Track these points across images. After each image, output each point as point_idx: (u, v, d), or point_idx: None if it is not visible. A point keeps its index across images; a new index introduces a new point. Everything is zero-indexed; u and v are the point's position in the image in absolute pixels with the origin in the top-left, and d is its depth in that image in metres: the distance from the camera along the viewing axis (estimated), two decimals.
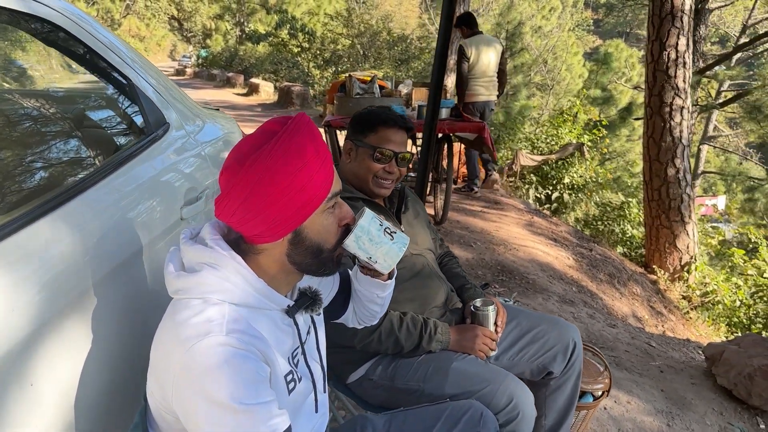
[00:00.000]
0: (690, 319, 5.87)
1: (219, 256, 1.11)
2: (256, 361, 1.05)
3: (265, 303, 1.14)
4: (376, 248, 1.24)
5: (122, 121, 1.85)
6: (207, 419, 1.00)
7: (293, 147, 1.07)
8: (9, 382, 1.04)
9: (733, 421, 2.89)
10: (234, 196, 1.08)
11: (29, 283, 1.13)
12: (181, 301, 1.10)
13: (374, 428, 1.51)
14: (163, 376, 1.06)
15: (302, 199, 1.09)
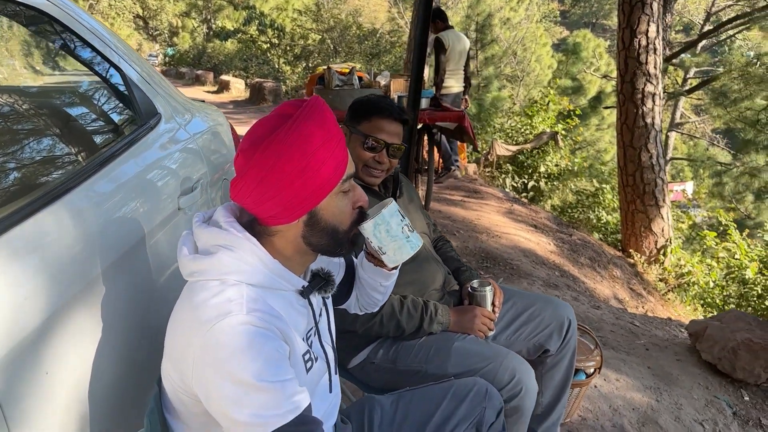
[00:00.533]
0: (668, 300, 5.99)
1: (234, 238, 1.11)
2: (276, 339, 1.06)
3: (280, 283, 1.15)
4: (390, 241, 1.26)
5: (116, 112, 1.83)
6: (230, 398, 1.01)
7: (308, 130, 1.07)
8: (25, 371, 1.03)
9: (718, 395, 2.97)
10: (249, 179, 1.09)
11: (39, 272, 1.12)
12: (198, 283, 1.10)
13: (382, 408, 1.52)
14: (182, 358, 1.06)
15: (317, 181, 1.10)
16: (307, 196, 1.10)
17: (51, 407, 1.09)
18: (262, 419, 1.01)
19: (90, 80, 1.80)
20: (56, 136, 1.52)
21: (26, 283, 1.07)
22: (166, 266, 1.59)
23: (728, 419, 2.82)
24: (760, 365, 2.97)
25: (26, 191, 1.24)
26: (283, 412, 1.02)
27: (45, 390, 1.08)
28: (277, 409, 1.02)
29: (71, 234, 1.24)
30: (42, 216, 1.19)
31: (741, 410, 2.91)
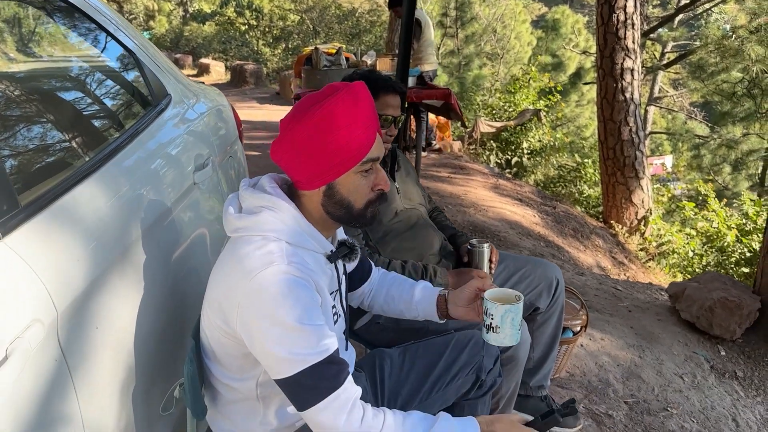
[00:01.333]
0: (649, 268, 6.21)
1: (276, 200, 1.26)
2: (311, 289, 1.22)
3: (313, 245, 1.29)
4: (508, 327, 1.38)
5: (131, 93, 1.93)
6: (271, 338, 1.16)
7: (340, 110, 1.21)
8: (80, 325, 1.16)
9: (697, 350, 3.16)
10: (285, 142, 1.25)
11: (85, 238, 1.24)
12: (242, 238, 1.24)
13: (391, 359, 1.66)
14: (227, 304, 1.20)
15: (338, 158, 1.24)
16: (326, 169, 1.25)
17: (101, 358, 1.22)
18: (300, 356, 1.16)
19: (108, 64, 1.90)
20: (75, 118, 1.62)
21: (75, 248, 1.19)
22: (186, 236, 1.72)
23: (706, 372, 3.02)
24: (735, 321, 3.17)
25: (65, 166, 1.35)
26: (316, 351, 1.17)
27: (96, 342, 1.21)
28: (311, 348, 1.17)
29: (108, 204, 1.36)
30: (82, 188, 1.30)
31: (718, 364, 3.10)
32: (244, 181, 1.34)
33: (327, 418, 1.19)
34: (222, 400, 1.35)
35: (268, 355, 1.18)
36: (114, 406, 1.25)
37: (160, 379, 1.47)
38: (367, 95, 1.28)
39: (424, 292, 1.59)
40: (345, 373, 1.22)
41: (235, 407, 1.35)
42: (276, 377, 1.20)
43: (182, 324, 1.59)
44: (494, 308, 1.36)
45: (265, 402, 1.32)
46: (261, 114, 10.97)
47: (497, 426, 1.32)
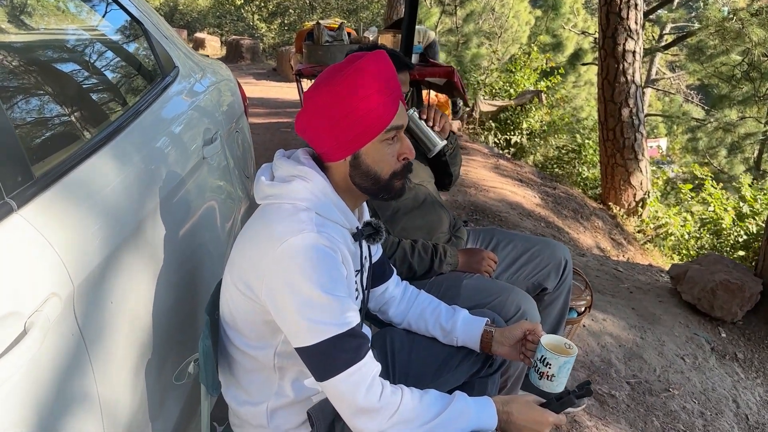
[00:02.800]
0: (647, 250, 6.23)
1: (309, 171, 1.26)
2: (337, 261, 1.21)
3: (341, 218, 1.29)
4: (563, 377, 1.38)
5: (139, 64, 1.89)
6: (296, 305, 1.15)
7: (362, 79, 1.20)
8: (96, 300, 1.14)
9: (698, 332, 3.18)
10: (308, 112, 1.24)
11: (99, 211, 1.21)
12: (272, 205, 1.24)
13: (401, 337, 1.65)
14: (254, 269, 1.20)
15: (361, 126, 1.23)
16: (351, 139, 1.24)
17: (116, 332, 1.21)
18: (322, 325, 1.15)
19: (117, 34, 1.85)
20: (85, 90, 1.59)
21: (90, 221, 1.17)
22: (197, 210, 1.70)
23: (707, 354, 3.03)
24: (737, 304, 3.18)
25: (77, 138, 1.32)
26: (339, 323, 1.16)
27: (112, 317, 1.19)
28: (335, 319, 1.16)
29: (121, 177, 1.33)
30: (94, 161, 1.28)
31: (718, 346, 3.12)
32: (280, 152, 1.34)
33: (346, 390, 1.18)
34: (238, 369, 1.34)
35: (291, 322, 1.17)
36: (128, 381, 1.24)
37: (173, 353, 1.46)
38: (388, 63, 1.26)
39: (467, 325, 1.57)
40: (366, 347, 1.21)
41: (251, 377, 1.34)
42: (297, 345, 1.19)
43: (194, 299, 1.58)
44: (554, 359, 1.36)
45: (282, 372, 1.32)
46: (258, 90, 10.86)
47: (513, 407, 1.32)
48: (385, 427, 1.20)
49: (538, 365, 1.39)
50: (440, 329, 1.58)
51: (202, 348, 1.29)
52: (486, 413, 1.29)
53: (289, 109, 8.97)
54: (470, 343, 1.56)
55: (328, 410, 1.31)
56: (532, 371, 1.42)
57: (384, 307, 1.65)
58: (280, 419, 1.35)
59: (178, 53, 2.05)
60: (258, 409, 1.34)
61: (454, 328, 1.56)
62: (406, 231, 2.03)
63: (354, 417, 1.20)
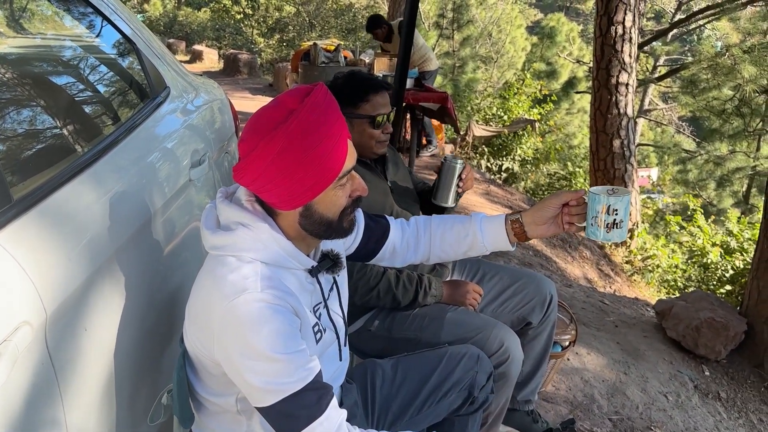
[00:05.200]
0: (634, 282, 6.24)
1: (252, 217, 1.19)
2: (288, 314, 1.15)
3: (291, 263, 1.22)
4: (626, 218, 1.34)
5: (128, 84, 1.88)
6: (247, 367, 1.11)
7: (308, 127, 1.11)
8: (69, 326, 1.12)
9: (682, 369, 3.17)
10: (252, 167, 1.14)
11: (76, 236, 1.19)
12: (218, 257, 1.18)
13: (383, 371, 1.63)
14: (204, 326, 1.16)
15: (314, 178, 1.15)
16: (304, 191, 1.16)
17: (88, 361, 1.18)
18: (276, 386, 1.12)
19: (105, 53, 1.85)
20: (70, 109, 1.58)
21: (67, 247, 1.15)
22: (179, 235, 1.68)
23: (690, 392, 3.02)
24: (721, 342, 3.18)
25: (59, 159, 1.30)
26: (294, 380, 1.12)
27: (83, 345, 1.17)
28: (289, 377, 1.12)
29: (101, 201, 1.32)
30: (76, 184, 1.26)
31: (702, 384, 3.11)
32: (221, 191, 1.27)
33: None
34: (206, 412, 1.31)
35: (245, 384, 1.14)
36: (99, 411, 1.21)
37: (147, 384, 1.43)
38: (331, 102, 1.17)
39: (487, 228, 1.51)
40: (327, 398, 1.17)
41: (219, 418, 1.31)
42: (255, 405, 1.16)
43: (171, 327, 1.55)
44: (620, 201, 1.30)
45: (247, 415, 1.29)
46: (253, 105, 10.86)
47: None
48: None
49: (603, 218, 1.32)
50: (466, 245, 1.54)
51: (176, 378, 1.27)
52: None
53: None
54: (500, 243, 1.51)
55: None
56: (594, 229, 1.35)
57: (403, 258, 1.61)
58: None
59: (169, 72, 2.04)
60: None
61: (476, 237, 1.51)
62: None
63: None
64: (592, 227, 1.35)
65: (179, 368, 1.27)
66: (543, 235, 1.49)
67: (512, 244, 1.52)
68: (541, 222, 1.47)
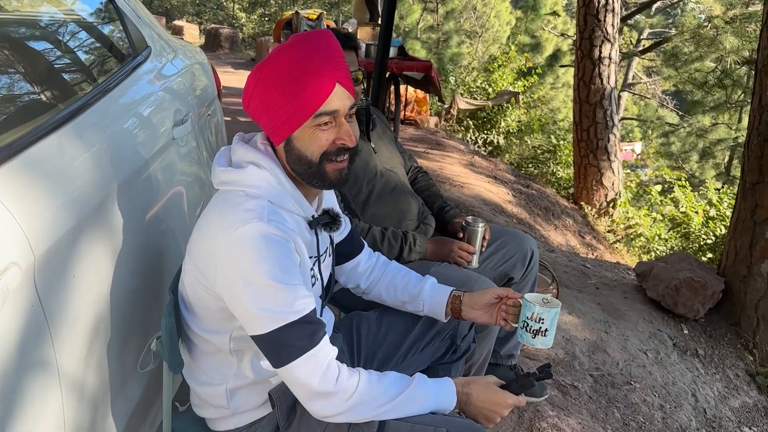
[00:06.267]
0: (616, 250, 6.33)
1: (263, 157, 1.25)
2: (290, 249, 1.20)
3: (294, 206, 1.28)
4: (552, 330, 1.39)
5: (110, 42, 1.87)
6: (247, 294, 1.16)
7: (293, 60, 1.19)
8: (58, 272, 1.13)
9: (661, 328, 3.25)
10: (248, 93, 1.24)
11: (60, 186, 1.20)
12: (226, 192, 1.24)
13: (368, 322, 1.67)
14: (207, 258, 1.19)
15: (290, 110, 1.20)
16: (282, 123, 1.22)
17: (78, 307, 1.20)
18: (275, 314, 1.16)
19: (88, 11, 1.84)
20: (51, 66, 1.57)
21: (51, 195, 1.16)
22: (164, 191, 1.69)
23: (669, 349, 3.10)
24: (699, 301, 3.26)
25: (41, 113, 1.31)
26: (292, 310, 1.17)
27: (74, 291, 1.18)
28: (287, 307, 1.16)
29: (84, 155, 1.32)
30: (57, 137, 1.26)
31: (680, 342, 3.19)
32: (238, 135, 1.33)
33: (302, 375, 1.19)
34: (197, 352, 1.35)
35: (244, 311, 1.18)
36: (89, 355, 1.24)
37: (136, 332, 1.45)
38: (328, 43, 1.22)
39: (434, 290, 1.58)
40: (321, 333, 1.21)
41: (210, 359, 1.34)
42: (252, 333, 1.19)
43: (159, 279, 1.58)
44: (546, 313, 1.36)
45: (239, 356, 1.32)
46: (236, 79, 10.76)
47: (472, 387, 1.34)
48: (341, 409, 1.22)
49: (530, 324, 1.39)
50: (408, 295, 1.59)
51: (164, 325, 1.29)
52: (445, 394, 1.31)
53: None
54: (437, 308, 1.56)
55: (289, 391, 1.32)
56: (522, 333, 1.41)
57: (356, 281, 1.65)
58: (240, 400, 1.35)
59: (150, 33, 2.04)
60: (217, 390, 1.35)
61: (421, 293, 1.57)
62: (376, 217, 2.04)
63: (310, 401, 1.22)
64: (521, 330, 1.42)
65: (167, 315, 1.29)
66: (475, 319, 1.55)
67: (446, 316, 1.57)
68: (477, 306, 1.53)
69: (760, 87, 3.26)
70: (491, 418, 1.34)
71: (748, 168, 3.31)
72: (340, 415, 1.22)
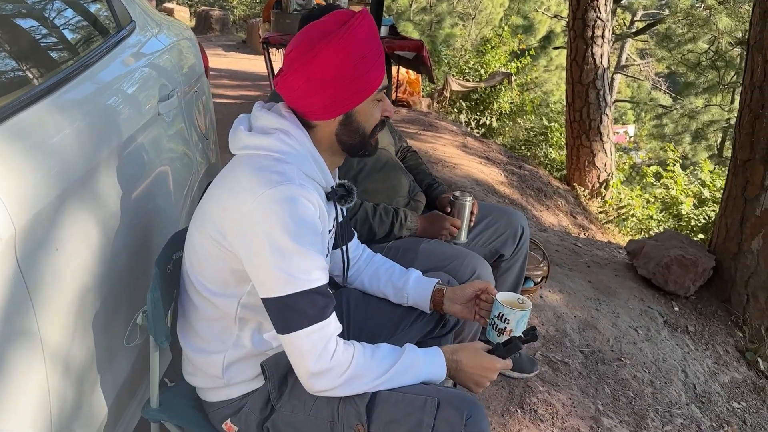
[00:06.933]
0: (608, 230, 6.35)
1: (291, 125, 1.27)
2: (316, 216, 1.22)
3: (318, 176, 1.29)
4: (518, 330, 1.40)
5: (94, 16, 1.84)
6: (271, 253, 1.16)
7: (360, 37, 1.21)
8: (40, 244, 1.12)
9: (652, 305, 3.26)
10: (299, 74, 1.22)
11: (42, 157, 1.18)
12: (252, 156, 1.24)
13: (357, 297, 1.66)
14: (230, 216, 1.20)
15: (359, 85, 1.24)
16: (348, 96, 1.25)
17: (62, 279, 1.19)
18: (294, 278, 1.16)
19: None
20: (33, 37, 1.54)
21: (32, 166, 1.14)
22: (150, 166, 1.67)
23: (659, 326, 3.12)
24: (690, 279, 3.27)
25: (22, 85, 1.28)
26: (311, 278, 1.17)
27: (56, 264, 1.17)
28: (307, 274, 1.17)
29: (69, 127, 1.30)
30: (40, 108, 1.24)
31: (671, 319, 3.21)
32: (259, 103, 1.34)
33: (305, 345, 1.18)
34: (197, 316, 1.34)
35: (263, 271, 1.17)
36: (73, 328, 1.22)
37: (124, 306, 1.44)
38: (374, 23, 1.28)
39: (418, 283, 1.59)
40: (331, 308, 1.22)
41: (210, 325, 1.33)
42: (265, 295, 1.19)
43: (146, 253, 1.56)
44: (512, 314, 1.38)
45: (241, 324, 1.32)
46: (227, 62, 10.71)
47: (461, 354, 1.34)
48: (336, 384, 1.21)
49: (496, 323, 1.41)
50: (392, 287, 1.60)
51: (150, 299, 1.28)
52: (435, 363, 1.31)
53: (258, 82, 8.86)
54: (420, 300, 1.58)
55: (282, 363, 1.32)
56: (490, 329, 1.44)
57: (349, 276, 1.65)
58: (235, 371, 1.35)
59: (135, 8, 2.00)
60: (213, 359, 1.34)
61: (406, 286, 1.58)
62: (368, 193, 2.03)
63: (306, 373, 1.21)
64: (489, 327, 1.44)
65: (153, 288, 1.28)
66: (454, 314, 1.58)
67: (429, 309, 1.59)
68: (458, 300, 1.56)
69: (752, 63, 3.25)
70: (481, 383, 1.35)
71: (740, 145, 3.30)
72: (334, 390, 1.22)
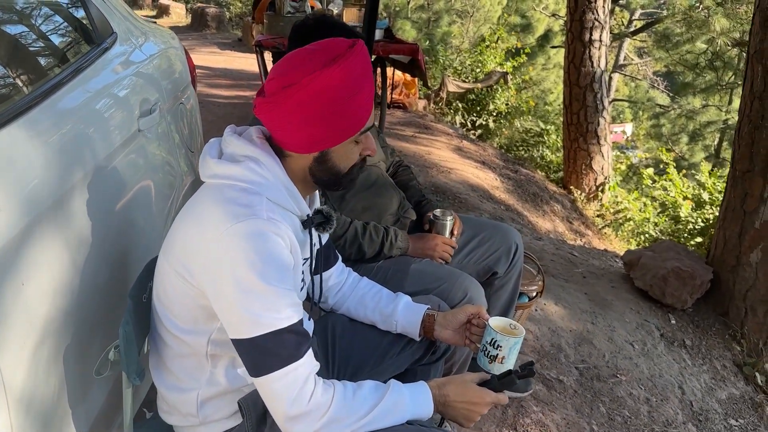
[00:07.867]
0: (605, 235, 6.29)
1: (262, 153, 1.19)
2: (285, 250, 1.15)
3: (291, 205, 1.22)
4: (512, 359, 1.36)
5: (72, 30, 1.77)
6: (238, 293, 1.09)
7: (352, 75, 1.13)
8: (4, 279, 1.05)
9: (648, 318, 3.21)
10: (281, 104, 1.14)
11: (10, 183, 1.12)
12: (219, 186, 1.17)
13: (343, 323, 1.60)
14: (194, 250, 1.13)
15: (341, 126, 1.17)
16: (327, 136, 1.18)
17: (28, 315, 1.12)
18: (263, 318, 1.09)
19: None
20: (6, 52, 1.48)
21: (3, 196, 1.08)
22: (129, 187, 1.60)
23: (656, 340, 3.06)
24: (687, 291, 3.21)
25: None
26: (281, 317, 1.11)
27: (21, 299, 1.10)
28: (277, 313, 1.10)
29: (41, 149, 1.24)
30: (11, 129, 1.18)
31: (668, 332, 3.16)
32: (230, 128, 1.26)
33: (279, 388, 1.12)
34: (169, 353, 1.27)
35: (230, 311, 1.11)
36: (42, 365, 1.16)
37: (98, 336, 1.38)
38: (368, 58, 1.20)
39: (408, 309, 1.52)
40: (306, 346, 1.15)
41: (182, 362, 1.27)
42: (234, 336, 1.13)
43: (124, 280, 1.50)
44: (505, 341, 1.33)
45: (214, 360, 1.25)
46: (222, 60, 10.62)
47: (449, 388, 1.28)
48: (315, 427, 1.14)
49: (488, 349, 1.36)
50: (379, 314, 1.54)
51: (122, 333, 1.21)
52: (421, 400, 1.25)
53: (253, 81, 8.79)
54: (410, 328, 1.51)
55: (260, 401, 1.25)
56: (481, 356, 1.38)
57: (326, 294, 1.59)
58: (210, 409, 1.29)
59: (116, 17, 1.93)
60: (187, 397, 1.28)
61: (394, 313, 1.52)
62: (356, 212, 1.97)
63: (283, 417, 1.15)
64: (480, 353, 1.39)
65: (125, 323, 1.22)
66: (445, 340, 1.52)
67: (419, 336, 1.53)
68: (449, 326, 1.50)
69: (751, 73, 3.19)
70: (471, 417, 1.29)
71: (739, 156, 3.25)
72: None
